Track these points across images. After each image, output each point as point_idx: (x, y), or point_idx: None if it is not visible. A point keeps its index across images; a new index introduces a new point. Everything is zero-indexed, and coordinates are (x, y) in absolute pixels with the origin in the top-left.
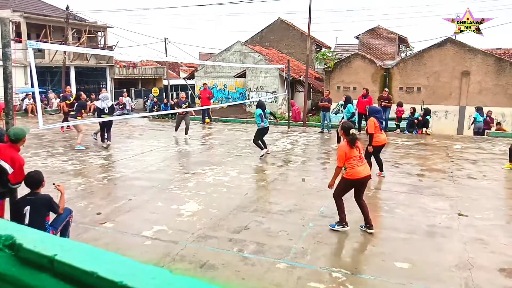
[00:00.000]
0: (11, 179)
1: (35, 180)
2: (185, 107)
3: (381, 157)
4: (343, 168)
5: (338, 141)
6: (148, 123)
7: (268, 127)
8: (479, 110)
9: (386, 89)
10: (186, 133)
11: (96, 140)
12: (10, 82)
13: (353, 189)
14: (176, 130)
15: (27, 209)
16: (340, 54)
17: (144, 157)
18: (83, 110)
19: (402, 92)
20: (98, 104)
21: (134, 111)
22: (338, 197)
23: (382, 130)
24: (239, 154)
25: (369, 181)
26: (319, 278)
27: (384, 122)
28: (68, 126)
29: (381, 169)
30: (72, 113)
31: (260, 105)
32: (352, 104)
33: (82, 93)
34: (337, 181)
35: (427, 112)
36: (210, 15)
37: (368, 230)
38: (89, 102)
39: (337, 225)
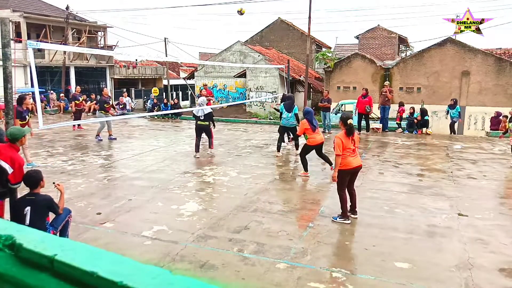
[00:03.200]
0: (11, 179)
1: (34, 179)
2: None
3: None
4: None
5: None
6: (148, 123)
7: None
8: (451, 106)
9: (387, 82)
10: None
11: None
12: (10, 82)
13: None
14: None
15: (28, 209)
16: (340, 54)
17: (144, 157)
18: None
19: (402, 92)
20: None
21: (134, 111)
22: (339, 190)
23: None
24: (239, 154)
25: (368, 181)
26: (319, 278)
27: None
28: (79, 125)
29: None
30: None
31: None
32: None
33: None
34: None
35: (424, 112)
36: (210, 15)
37: (352, 216)
38: (90, 102)
39: (339, 218)
